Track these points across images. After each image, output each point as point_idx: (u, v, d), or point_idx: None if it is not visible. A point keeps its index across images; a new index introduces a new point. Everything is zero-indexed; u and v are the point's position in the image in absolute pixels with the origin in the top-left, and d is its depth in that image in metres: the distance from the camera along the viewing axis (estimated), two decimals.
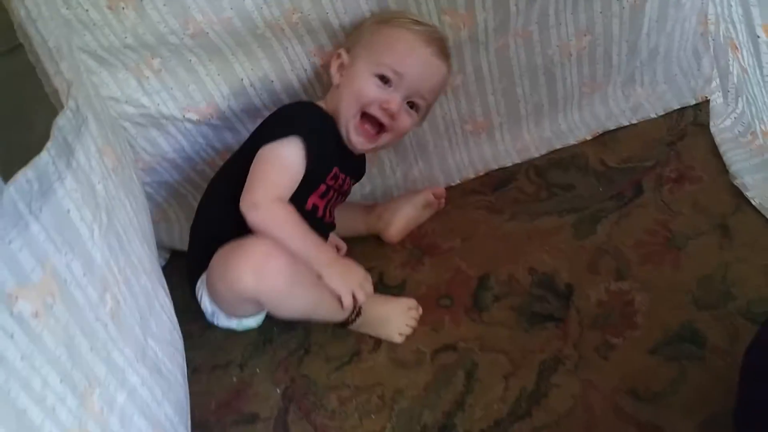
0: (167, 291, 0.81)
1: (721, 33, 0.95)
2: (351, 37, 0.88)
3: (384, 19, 0.85)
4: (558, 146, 1.10)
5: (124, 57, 0.85)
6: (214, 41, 0.86)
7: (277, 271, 0.72)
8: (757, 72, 0.81)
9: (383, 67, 0.82)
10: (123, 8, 0.80)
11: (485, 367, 0.77)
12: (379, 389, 0.78)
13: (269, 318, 0.90)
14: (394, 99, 0.82)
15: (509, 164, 1.10)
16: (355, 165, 0.94)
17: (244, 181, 0.79)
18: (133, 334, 0.61)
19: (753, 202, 0.88)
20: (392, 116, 0.83)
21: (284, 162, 0.80)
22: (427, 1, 0.89)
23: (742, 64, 0.88)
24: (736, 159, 0.94)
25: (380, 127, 0.85)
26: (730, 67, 0.96)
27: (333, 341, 0.87)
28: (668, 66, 1.12)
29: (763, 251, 0.81)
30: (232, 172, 0.84)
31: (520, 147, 1.11)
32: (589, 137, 1.10)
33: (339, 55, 0.86)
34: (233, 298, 0.76)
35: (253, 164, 0.80)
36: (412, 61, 0.83)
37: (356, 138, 0.86)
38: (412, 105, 0.86)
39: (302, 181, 0.81)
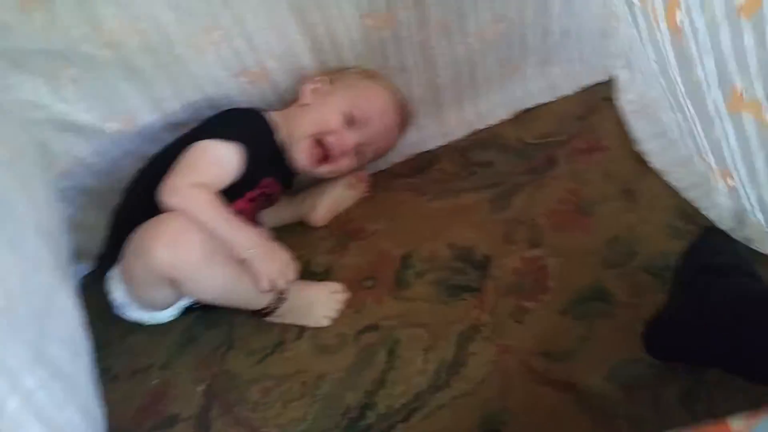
0: (74, 292, 0.78)
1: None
2: (335, 74, 0.95)
3: (371, 75, 0.96)
4: (480, 127, 1.12)
5: (38, 62, 0.84)
6: (131, 55, 0.85)
7: (192, 243, 0.72)
8: (638, 40, 0.85)
9: (357, 109, 0.89)
10: (35, 10, 0.78)
11: (406, 342, 0.78)
12: (301, 376, 0.78)
13: (193, 316, 0.89)
14: (351, 138, 0.90)
15: (433, 147, 1.11)
16: (287, 174, 0.96)
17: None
18: (27, 334, 0.58)
19: (654, 168, 0.91)
20: (342, 152, 0.90)
21: (218, 159, 0.82)
22: (348, 7, 0.91)
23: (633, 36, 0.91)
24: (639, 128, 0.98)
25: (325, 157, 0.90)
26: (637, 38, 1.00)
27: (256, 334, 0.85)
28: (580, 46, 1.15)
29: (663, 211, 0.84)
30: (161, 163, 0.83)
31: (444, 131, 1.13)
32: (506, 117, 1.12)
33: (318, 81, 0.92)
34: (148, 277, 0.75)
35: (183, 154, 0.80)
36: (382, 118, 0.92)
37: (299, 156, 0.90)
38: (357, 152, 0.92)
39: (234, 185, 0.83)
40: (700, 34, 0.58)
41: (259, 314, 0.83)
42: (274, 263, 0.80)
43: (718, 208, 0.80)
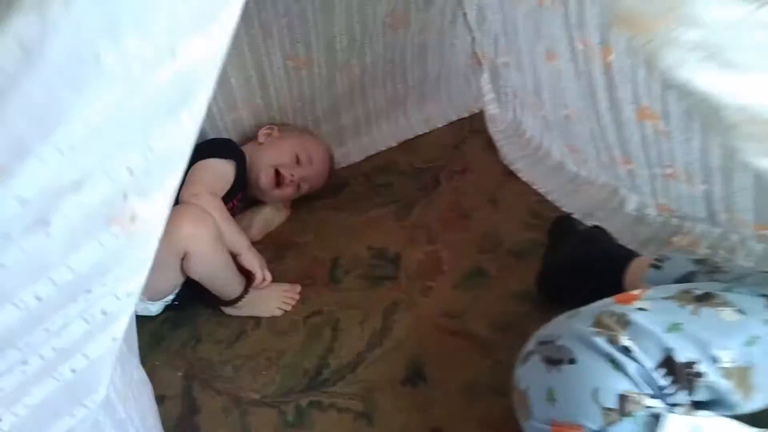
0: None
1: (496, 62, 1.33)
2: (281, 126, 1.24)
3: (309, 131, 1.29)
4: (373, 152, 1.41)
5: None
6: None
7: (210, 223, 0.96)
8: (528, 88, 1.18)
9: (303, 153, 1.19)
10: None
11: (345, 320, 1.03)
12: (265, 354, 1.00)
13: (161, 317, 1.06)
14: (298, 173, 1.18)
15: (338, 168, 1.37)
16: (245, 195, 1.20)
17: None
18: None
19: (521, 176, 1.25)
20: (291, 182, 1.17)
21: (221, 173, 1.08)
22: (275, 52, 1.17)
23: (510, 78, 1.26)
24: (510, 151, 1.32)
25: (278, 184, 1.17)
26: (502, 87, 1.35)
27: (219, 328, 1.05)
28: (449, 87, 1.49)
29: (518, 211, 1.18)
30: None
31: (345, 152, 1.40)
32: (395, 144, 1.42)
33: (272, 128, 1.22)
34: (168, 254, 0.92)
35: (192, 170, 1.01)
36: (320, 162, 1.22)
37: (264, 180, 1.16)
38: (299, 184, 1.20)
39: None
40: (624, 68, 0.90)
41: (226, 304, 1.03)
42: (261, 260, 1.04)
43: (578, 202, 1.14)
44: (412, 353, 0.95)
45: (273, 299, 1.06)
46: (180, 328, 1.06)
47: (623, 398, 0.59)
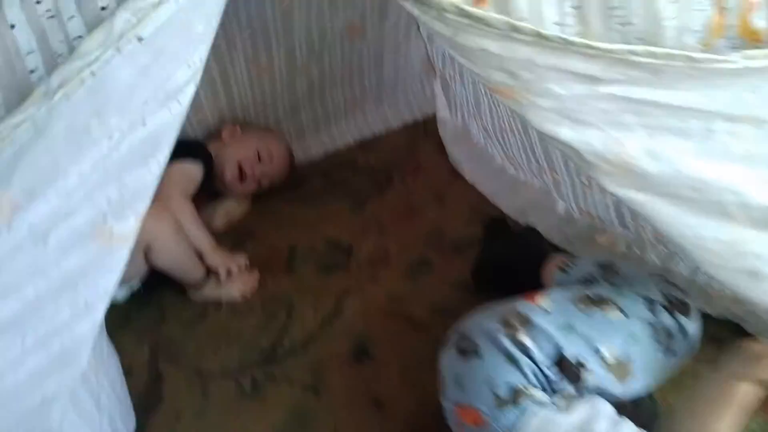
0: None
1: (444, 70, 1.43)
2: (243, 126, 1.33)
3: (270, 130, 1.39)
4: (331, 149, 1.51)
5: None
6: None
7: (168, 218, 1.05)
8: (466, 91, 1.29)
9: (265, 150, 1.30)
10: None
11: (299, 304, 1.13)
12: (225, 332, 1.09)
13: (126, 302, 1.14)
14: (260, 169, 1.29)
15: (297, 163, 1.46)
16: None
17: None
18: None
19: (467, 177, 1.37)
20: (252, 177, 1.27)
21: (191, 176, 1.18)
22: (238, 60, 1.26)
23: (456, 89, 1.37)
24: (458, 153, 1.43)
25: (241, 179, 1.27)
26: (451, 95, 1.46)
27: (184, 309, 1.14)
28: (404, 91, 1.60)
29: (462, 208, 1.30)
30: None
31: (305, 148, 1.49)
32: (352, 142, 1.53)
33: (236, 128, 1.32)
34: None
35: (166, 172, 1.08)
36: (279, 159, 1.33)
37: (229, 175, 1.27)
38: (259, 179, 1.30)
39: None
40: None
41: (190, 288, 1.12)
42: (226, 259, 1.14)
43: (516, 202, 1.26)
44: (359, 334, 1.06)
45: (234, 284, 1.15)
46: (146, 308, 1.14)
47: (515, 390, 0.70)
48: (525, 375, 0.71)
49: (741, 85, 0.50)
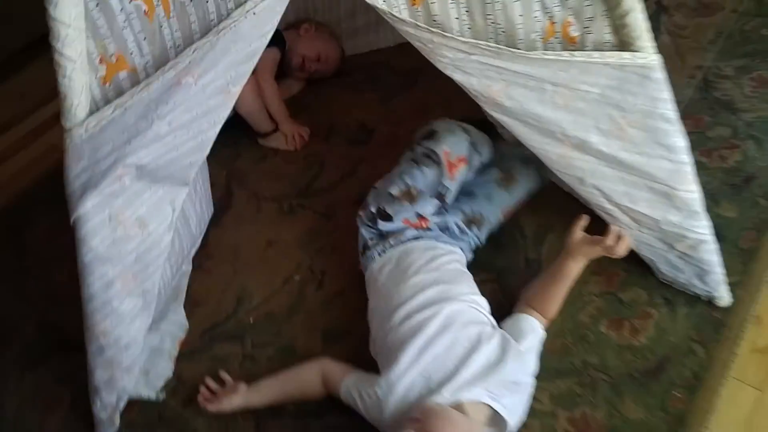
0: None
1: None
2: (318, 25, 1.75)
3: (335, 34, 1.80)
4: (375, 49, 1.91)
5: None
6: None
7: (253, 82, 1.55)
8: None
9: (325, 53, 1.76)
10: None
11: (329, 163, 1.62)
12: (277, 171, 1.62)
13: None
14: (315, 66, 1.75)
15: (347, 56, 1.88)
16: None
17: None
18: None
19: None
20: (308, 70, 1.75)
21: (275, 59, 1.63)
22: None
23: None
24: None
25: (302, 68, 1.74)
26: None
27: (253, 151, 1.67)
28: None
29: (462, 111, 1.71)
30: None
31: (353, 45, 1.90)
32: (392, 45, 1.92)
33: (311, 27, 1.73)
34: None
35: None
36: (333, 61, 1.79)
37: (295, 63, 1.73)
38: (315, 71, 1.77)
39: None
40: None
41: (259, 136, 1.65)
42: (294, 126, 1.64)
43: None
44: (364, 189, 1.52)
45: (290, 141, 1.66)
46: (228, 147, 1.67)
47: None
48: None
49: (557, 66, 0.89)
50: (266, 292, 1.39)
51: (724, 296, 1.20)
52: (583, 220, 1.15)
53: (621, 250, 1.14)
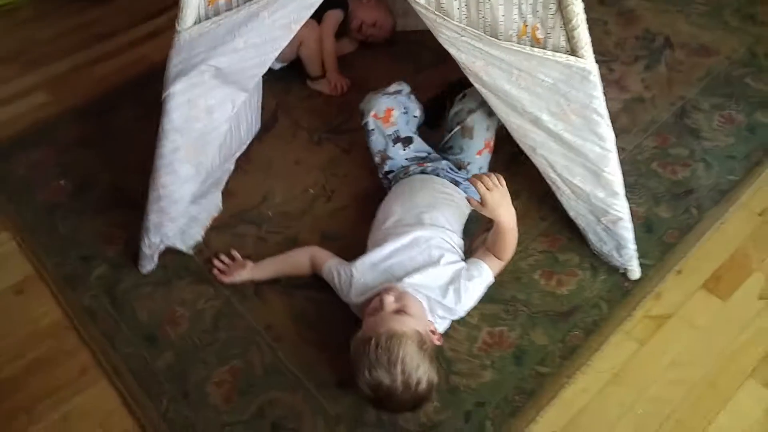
0: None
1: None
2: None
3: (390, 8, 2.12)
4: (419, 29, 2.25)
5: None
6: None
7: (317, 34, 1.98)
8: None
9: (380, 21, 2.11)
10: None
11: (358, 112, 1.97)
12: (316, 108, 1.98)
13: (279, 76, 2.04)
14: (371, 31, 2.12)
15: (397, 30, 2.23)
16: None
17: None
18: None
19: None
20: (364, 34, 2.09)
21: (337, 18, 2.00)
22: None
23: None
24: None
25: (359, 31, 2.09)
26: None
27: (302, 91, 2.05)
28: None
29: None
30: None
31: (404, 23, 2.25)
32: None
33: None
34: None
35: (325, 16, 1.96)
36: (387, 32, 2.17)
37: (352, 27, 2.09)
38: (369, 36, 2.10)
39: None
40: None
41: (310, 79, 2.03)
42: (339, 76, 2.01)
43: None
44: None
45: (333, 87, 2.03)
46: (281, 82, 2.05)
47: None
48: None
49: (522, 56, 1.21)
50: (286, 196, 1.77)
51: (635, 270, 1.51)
52: (473, 202, 1.37)
53: (496, 179, 1.33)
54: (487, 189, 1.30)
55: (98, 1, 2.59)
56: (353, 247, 1.52)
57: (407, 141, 1.63)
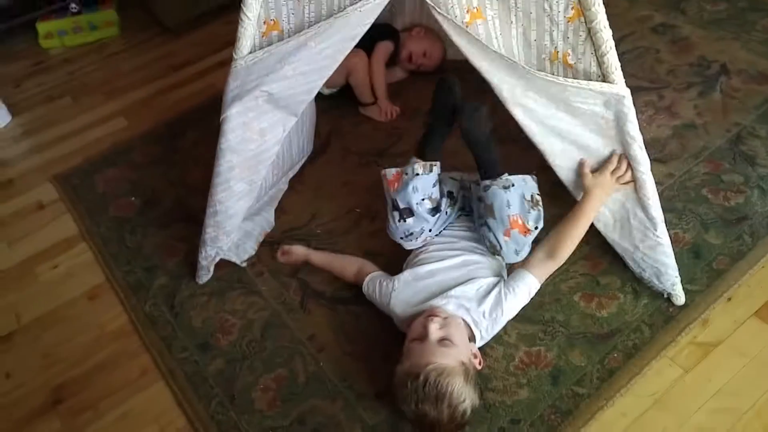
0: None
1: None
2: (426, 28, 2.21)
3: (439, 37, 2.16)
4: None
5: None
6: None
7: (365, 62, 2.07)
8: None
9: (429, 52, 2.19)
10: None
11: (406, 135, 2.05)
12: (366, 134, 2.07)
13: (330, 95, 2.16)
14: (421, 61, 2.20)
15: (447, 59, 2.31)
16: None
17: None
18: None
19: None
20: (415, 64, 2.17)
21: (388, 49, 2.11)
22: None
23: None
24: None
25: (409, 61, 2.18)
26: None
27: (354, 117, 2.14)
28: None
29: None
30: (367, 43, 2.09)
31: (454, 53, 2.32)
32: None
33: (421, 30, 2.20)
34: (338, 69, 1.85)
35: (377, 46, 2.08)
36: (437, 62, 2.22)
37: (402, 57, 2.18)
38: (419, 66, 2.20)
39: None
40: None
41: (360, 105, 2.13)
42: (389, 104, 2.11)
43: None
44: None
45: (384, 115, 2.12)
46: (335, 109, 2.16)
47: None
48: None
49: (557, 86, 1.25)
50: (333, 215, 1.85)
51: (679, 296, 1.49)
52: (585, 166, 1.38)
53: (626, 174, 1.32)
54: (612, 171, 1.33)
55: (175, 35, 2.82)
56: (393, 264, 1.58)
57: (434, 210, 1.54)
